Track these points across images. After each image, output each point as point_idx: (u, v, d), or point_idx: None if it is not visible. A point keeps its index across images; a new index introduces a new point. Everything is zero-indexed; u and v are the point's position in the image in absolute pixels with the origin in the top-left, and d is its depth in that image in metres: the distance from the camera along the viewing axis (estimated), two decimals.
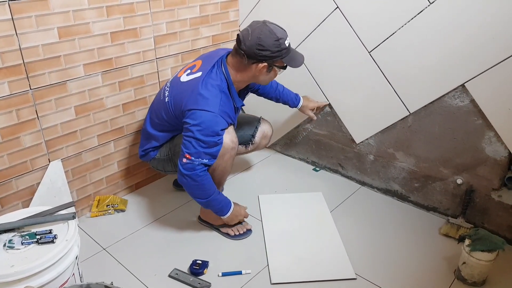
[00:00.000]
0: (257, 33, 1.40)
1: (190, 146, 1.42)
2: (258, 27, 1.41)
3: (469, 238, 1.40)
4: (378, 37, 1.68)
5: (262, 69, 1.47)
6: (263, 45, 1.40)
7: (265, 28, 1.41)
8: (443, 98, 1.59)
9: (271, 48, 1.41)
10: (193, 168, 1.43)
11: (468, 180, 1.65)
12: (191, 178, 1.44)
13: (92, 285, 1.08)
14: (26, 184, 1.56)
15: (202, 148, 1.41)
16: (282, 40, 1.42)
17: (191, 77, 1.51)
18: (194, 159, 1.42)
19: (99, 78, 1.65)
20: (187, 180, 1.45)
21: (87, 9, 1.52)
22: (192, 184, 1.46)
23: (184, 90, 1.49)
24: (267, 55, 1.42)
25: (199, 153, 1.42)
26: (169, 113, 1.54)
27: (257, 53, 1.42)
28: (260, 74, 1.49)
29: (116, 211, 1.81)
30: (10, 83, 1.40)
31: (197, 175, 1.44)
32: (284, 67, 1.52)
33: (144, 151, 1.69)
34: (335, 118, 1.98)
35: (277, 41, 1.41)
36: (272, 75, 1.53)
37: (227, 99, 1.50)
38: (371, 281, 1.44)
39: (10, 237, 1.21)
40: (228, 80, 1.50)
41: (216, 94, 1.45)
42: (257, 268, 1.50)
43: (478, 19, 1.41)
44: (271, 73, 1.51)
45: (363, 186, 2.02)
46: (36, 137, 1.53)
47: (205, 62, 1.54)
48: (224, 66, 1.50)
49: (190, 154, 1.42)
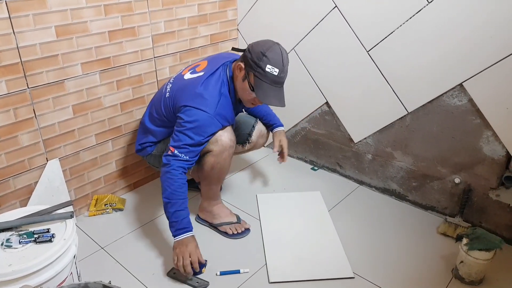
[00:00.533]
0: (263, 42, 1.42)
1: (177, 140, 1.42)
2: (270, 41, 1.42)
3: (466, 237, 1.41)
4: (376, 36, 1.68)
5: (240, 71, 1.45)
6: (253, 46, 1.41)
7: (271, 43, 1.41)
8: (441, 97, 1.60)
9: (254, 54, 1.38)
10: (171, 162, 1.40)
11: (466, 179, 1.66)
12: (166, 171, 1.41)
13: (90, 284, 1.07)
14: (23, 183, 1.55)
15: (187, 145, 1.41)
16: (266, 59, 1.36)
17: (193, 76, 1.52)
18: (177, 153, 1.41)
19: (97, 77, 1.64)
20: (162, 171, 1.42)
21: (85, 8, 1.52)
22: (163, 177, 1.41)
23: (184, 87, 1.50)
24: (248, 57, 1.41)
25: (183, 149, 1.41)
26: (168, 108, 1.54)
27: (245, 53, 1.43)
28: (238, 75, 1.46)
29: (114, 210, 1.81)
30: (7, 82, 1.40)
31: (171, 170, 1.39)
32: (252, 88, 1.42)
33: (141, 145, 1.68)
34: (333, 117, 1.98)
35: (263, 55, 1.37)
36: (245, 87, 1.44)
37: (226, 101, 1.49)
38: (369, 280, 1.44)
39: (7, 236, 1.21)
40: (230, 83, 1.51)
41: (215, 95, 1.45)
42: (255, 267, 1.50)
43: (476, 18, 1.42)
44: (244, 82, 1.44)
45: (361, 185, 2.02)
46: (33, 136, 1.53)
47: (210, 63, 1.54)
48: (230, 69, 1.52)
49: (174, 147, 1.41)
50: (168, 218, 1.43)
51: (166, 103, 1.55)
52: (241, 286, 1.42)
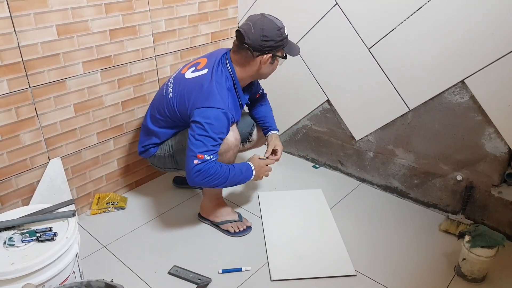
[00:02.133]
0: (259, 25, 1.42)
1: (201, 145, 1.38)
2: (258, 20, 1.43)
3: (469, 234, 1.40)
4: (377, 34, 1.67)
5: (266, 61, 1.48)
6: (267, 35, 1.42)
7: (266, 19, 1.43)
8: (443, 94, 1.59)
9: (274, 38, 1.43)
10: (204, 168, 1.38)
11: (468, 177, 1.65)
12: (206, 176, 1.39)
13: (92, 282, 1.08)
14: (26, 182, 1.56)
15: (213, 145, 1.39)
16: (283, 30, 1.46)
17: (197, 74, 1.51)
18: (207, 158, 1.38)
19: (98, 76, 1.65)
20: (202, 179, 1.40)
21: (86, 7, 1.52)
22: (209, 179, 1.40)
23: (191, 87, 1.48)
24: (271, 45, 1.44)
25: (211, 151, 1.39)
26: (172, 109, 1.53)
27: (262, 44, 1.43)
28: (264, 66, 1.50)
29: (116, 208, 1.81)
30: (9, 81, 1.40)
31: (210, 170, 1.39)
32: (284, 56, 1.53)
33: (144, 147, 1.67)
34: (335, 115, 1.98)
35: (279, 31, 1.44)
36: (274, 66, 1.55)
37: (233, 96, 1.50)
38: (371, 277, 1.44)
39: (10, 235, 1.22)
40: (233, 77, 1.51)
41: (224, 91, 1.45)
42: (257, 265, 1.51)
43: (477, 15, 1.41)
44: (273, 64, 1.53)
45: (362, 183, 2.02)
46: (35, 135, 1.53)
47: (210, 60, 1.53)
48: (230, 62, 1.51)
49: (202, 153, 1.38)
50: (239, 182, 1.51)
51: (170, 104, 1.53)
52: (243, 284, 1.43)
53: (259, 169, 1.57)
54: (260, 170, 1.58)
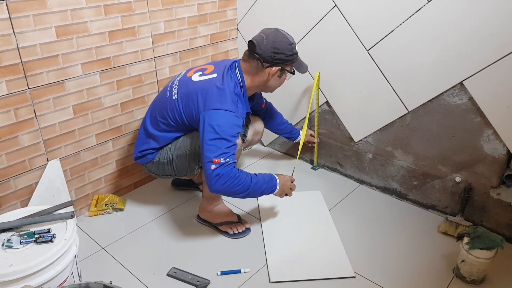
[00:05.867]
0: (272, 38, 1.47)
1: (216, 149, 1.36)
2: (271, 33, 1.48)
3: (467, 236, 1.40)
4: (376, 35, 1.68)
5: (275, 73, 1.51)
6: (278, 48, 1.46)
7: (279, 33, 1.49)
8: (442, 96, 1.59)
9: (285, 51, 1.48)
10: (222, 172, 1.36)
11: (467, 178, 1.65)
12: (227, 180, 1.37)
13: (91, 284, 1.07)
14: (24, 183, 1.56)
15: (227, 147, 1.38)
16: (294, 45, 1.51)
17: (205, 77, 1.51)
18: (223, 161, 1.36)
19: (97, 77, 1.65)
20: (222, 183, 1.37)
21: (85, 8, 1.52)
22: (230, 184, 1.38)
23: (200, 89, 1.47)
24: (281, 58, 1.48)
25: (227, 153, 1.38)
26: (177, 111, 1.52)
27: (273, 56, 1.47)
28: (272, 78, 1.53)
29: (115, 210, 1.81)
30: (8, 82, 1.40)
31: (230, 173, 1.37)
32: (293, 72, 1.57)
33: (141, 153, 1.64)
34: (334, 116, 1.98)
35: (290, 45, 1.49)
36: (282, 80, 1.59)
37: (241, 101, 1.50)
38: (370, 279, 1.44)
39: (8, 237, 1.21)
40: (242, 85, 1.52)
41: (234, 96, 1.46)
42: (256, 266, 1.50)
43: (476, 17, 1.41)
44: (281, 77, 1.56)
45: (361, 184, 2.02)
46: (34, 137, 1.53)
47: (218, 67, 1.55)
48: (239, 70, 1.53)
49: (217, 157, 1.36)
50: (263, 192, 1.49)
51: (174, 105, 1.52)
52: (241, 286, 1.42)
53: (284, 183, 1.56)
54: (285, 184, 1.57)
